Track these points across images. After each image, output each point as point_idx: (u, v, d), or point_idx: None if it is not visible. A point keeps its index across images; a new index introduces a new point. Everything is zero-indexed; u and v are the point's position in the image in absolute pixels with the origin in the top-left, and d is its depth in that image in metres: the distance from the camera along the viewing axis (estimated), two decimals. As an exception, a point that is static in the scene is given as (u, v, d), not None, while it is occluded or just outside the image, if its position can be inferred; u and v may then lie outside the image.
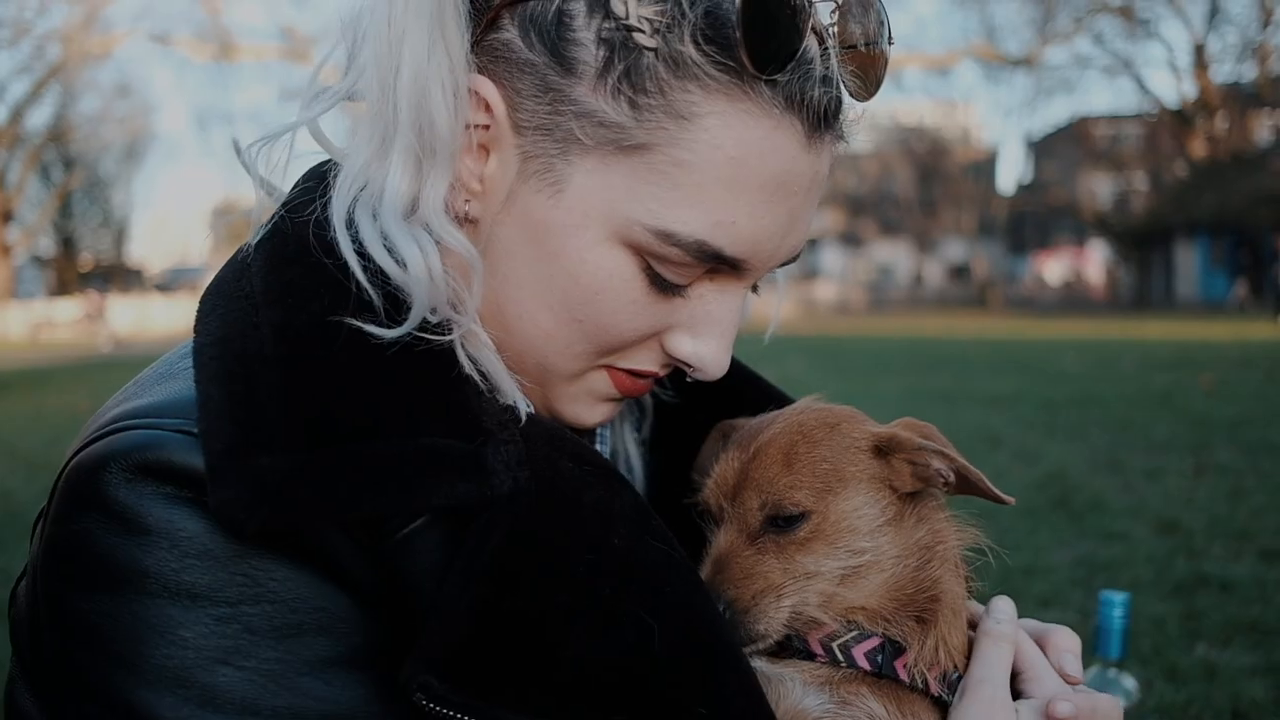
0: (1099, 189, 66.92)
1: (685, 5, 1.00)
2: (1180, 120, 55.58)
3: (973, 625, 1.25)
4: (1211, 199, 48.30)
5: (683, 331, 1.16)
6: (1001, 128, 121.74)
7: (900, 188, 76.07)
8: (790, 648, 1.19)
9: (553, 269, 1.09)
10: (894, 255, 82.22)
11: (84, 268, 72.44)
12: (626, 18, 1.01)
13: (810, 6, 1.04)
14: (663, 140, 1.03)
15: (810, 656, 1.18)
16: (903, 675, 1.16)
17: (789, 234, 1.13)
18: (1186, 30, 65.80)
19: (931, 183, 74.54)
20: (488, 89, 1.07)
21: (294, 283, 1.05)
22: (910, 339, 30.28)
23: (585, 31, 1.03)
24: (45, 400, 16.14)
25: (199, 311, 1.07)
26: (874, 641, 1.17)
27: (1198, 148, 54.10)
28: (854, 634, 1.17)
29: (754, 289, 1.25)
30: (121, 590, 0.94)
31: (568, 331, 1.12)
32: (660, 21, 1.01)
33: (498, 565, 0.98)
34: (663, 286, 1.10)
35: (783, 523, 1.19)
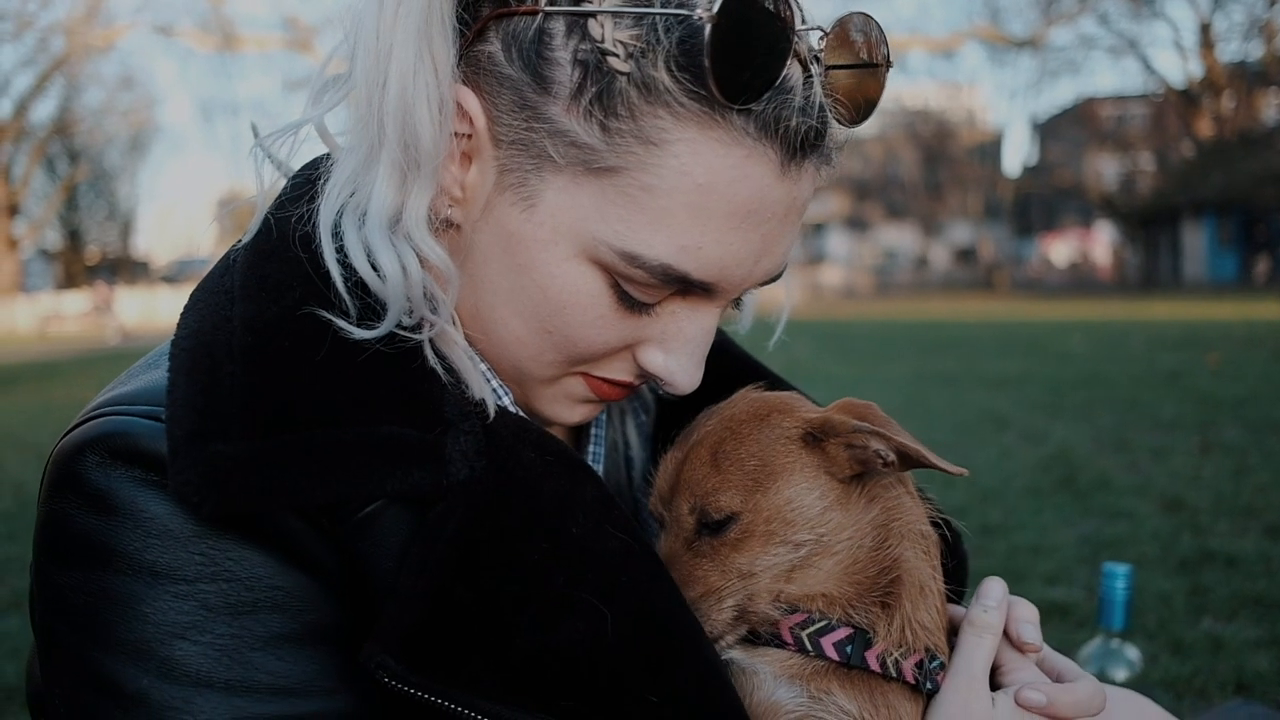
0: (1105, 170, 66.58)
1: (660, 32, 1.00)
2: (1186, 100, 55.29)
3: (954, 629, 1.24)
4: (1218, 179, 48.07)
5: (654, 346, 1.17)
6: (1007, 110, 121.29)
7: (906, 171, 75.83)
8: (764, 636, 1.19)
9: (524, 280, 1.11)
10: (900, 239, 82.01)
11: (91, 260, 72.51)
12: (602, 41, 1.01)
13: (793, 34, 1.02)
14: (631, 164, 1.04)
15: (783, 645, 1.17)
16: (874, 666, 1.15)
17: (762, 258, 1.12)
18: (1192, 9, 65.50)
19: (937, 166, 74.32)
20: (470, 100, 1.08)
21: (269, 277, 1.09)
22: (916, 322, 30.24)
23: (562, 51, 1.04)
24: (54, 392, 16.22)
25: (183, 307, 1.11)
26: (843, 632, 1.16)
27: (1204, 127, 53.82)
28: (823, 623, 1.16)
29: (736, 304, 1.24)
30: (91, 567, 0.99)
31: (538, 340, 1.14)
32: (635, 46, 1.01)
33: (453, 552, 1.02)
34: (630, 304, 1.12)
35: (713, 525, 1.18)
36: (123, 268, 74.10)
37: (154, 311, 49.91)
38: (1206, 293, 42.69)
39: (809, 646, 1.15)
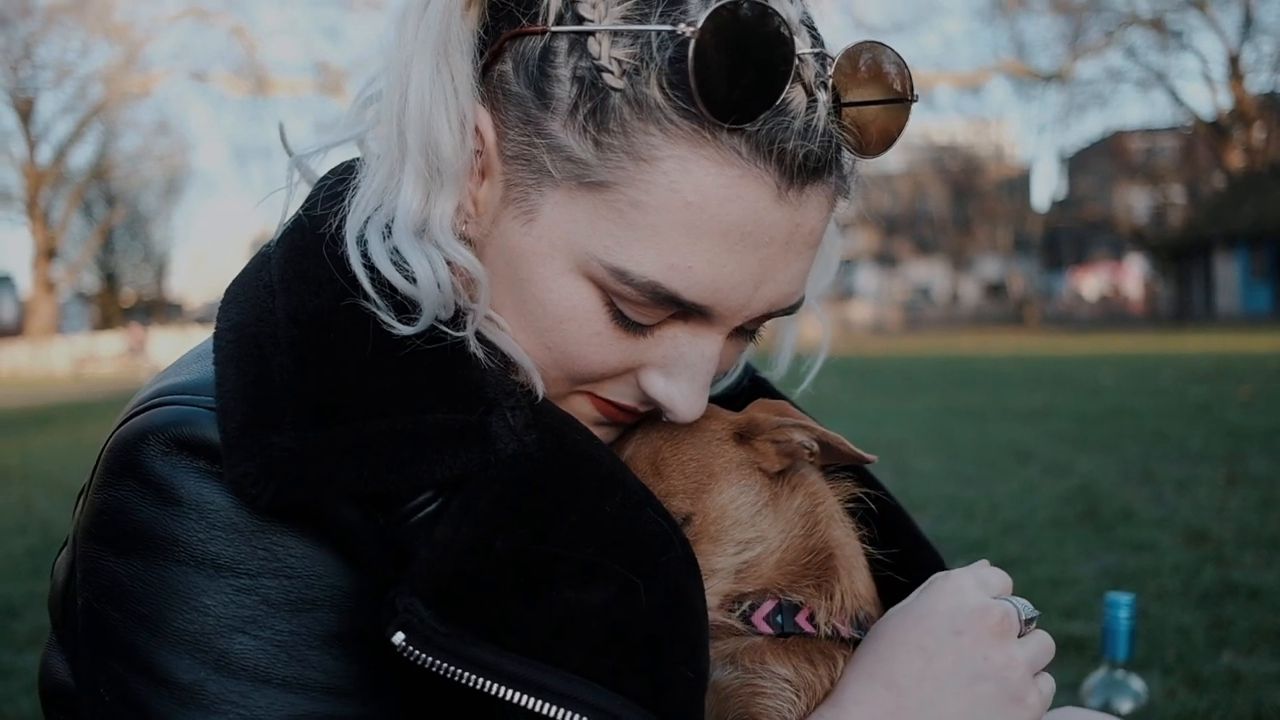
0: (1135, 203, 66.30)
1: (654, 49, 1.02)
2: (1216, 132, 54.98)
3: None
4: (1250, 210, 47.73)
5: (656, 370, 1.17)
6: (1035, 144, 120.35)
7: (934, 207, 75.71)
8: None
9: (525, 294, 1.13)
10: (929, 274, 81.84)
11: (126, 303, 73.54)
12: (599, 58, 1.03)
13: (794, 57, 1.01)
14: (621, 180, 1.05)
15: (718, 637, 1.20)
16: (807, 628, 1.18)
17: (763, 284, 1.11)
18: (1220, 41, 64.98)
19: (966, 201, 74.09)
20: (482, 117, 1.10)
21: (309, 272, 1.11)
22: (945, 357, 30.05)
23: (563, 69, 1.06)
24: (86, 433, 16.39)
25: (222, 301, 1.13)
26: (769, 605, 1.19)
27: (1235, 159, 53.48)
28: (749, 603, 1.20)
29: (752, 338, 1.25)
30: (152, 556, 1.00)
31: (541, 355, 1.15)
32: (629, 64, 1.02)
33: (491, 509, 1.02)
34: (627, 324, 1.12)
35: None
36: (157, 309, 75.08)
37: (187, 352, 50.31)
38: (1240, 325, 42.22)
39: (741, 627, 1.19)
